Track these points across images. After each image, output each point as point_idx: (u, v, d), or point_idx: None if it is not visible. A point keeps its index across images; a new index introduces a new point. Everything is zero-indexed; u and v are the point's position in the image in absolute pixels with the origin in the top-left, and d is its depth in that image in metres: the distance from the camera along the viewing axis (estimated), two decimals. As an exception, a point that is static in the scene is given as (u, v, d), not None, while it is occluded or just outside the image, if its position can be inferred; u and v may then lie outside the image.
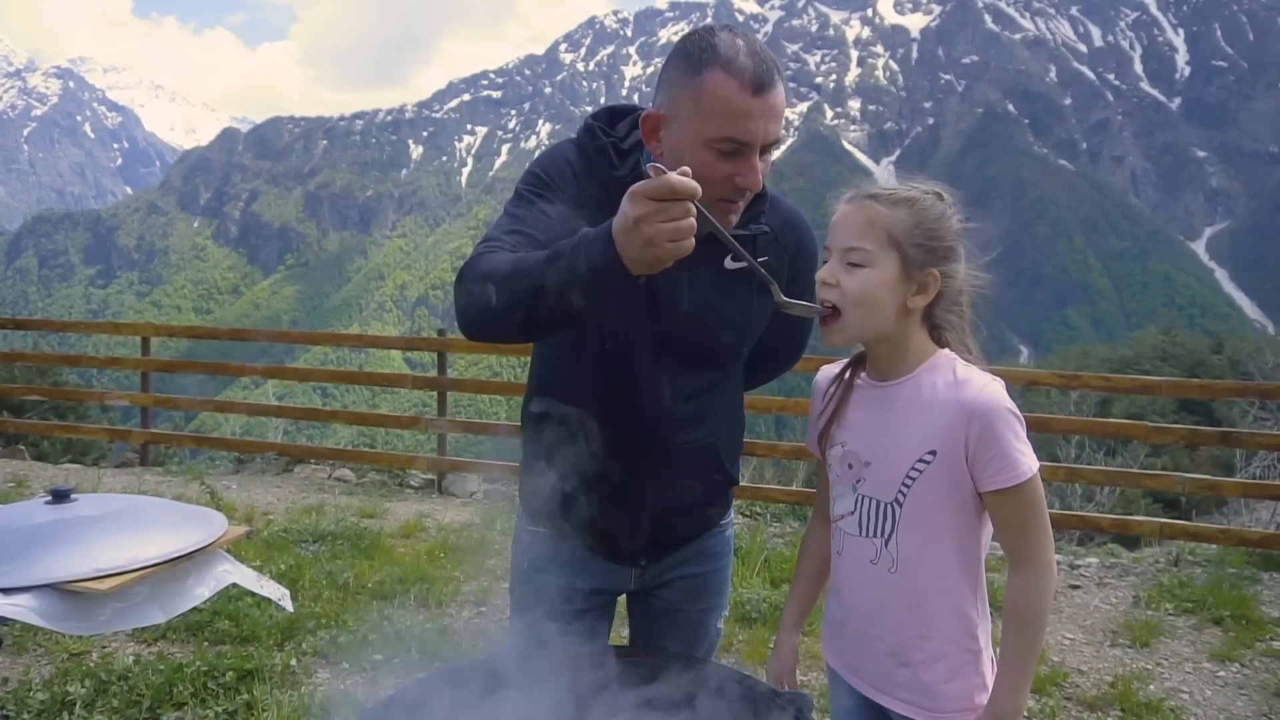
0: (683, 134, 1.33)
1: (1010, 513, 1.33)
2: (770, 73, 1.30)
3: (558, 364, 1.56)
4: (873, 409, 1.42)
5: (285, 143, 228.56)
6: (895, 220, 1.32)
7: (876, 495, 1.40)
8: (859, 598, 1.45)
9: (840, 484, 1.45)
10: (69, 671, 3.25)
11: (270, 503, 6.07)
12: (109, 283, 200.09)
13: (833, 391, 1.48)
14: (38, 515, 1.79)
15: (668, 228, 1.08)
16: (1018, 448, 1.29)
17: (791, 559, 4.95)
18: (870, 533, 1.41)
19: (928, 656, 1.39)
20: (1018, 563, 1.34)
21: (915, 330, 1.38)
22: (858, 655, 1.48)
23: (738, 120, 1.29)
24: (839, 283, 1.33)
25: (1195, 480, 5.40)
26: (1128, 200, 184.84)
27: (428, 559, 4.85)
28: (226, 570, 1.97)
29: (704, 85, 1.29)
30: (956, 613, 1.39)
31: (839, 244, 1.35)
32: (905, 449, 1.36)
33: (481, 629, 3.98)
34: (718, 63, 1.29)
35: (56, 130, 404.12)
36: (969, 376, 1.34)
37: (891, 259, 1.32)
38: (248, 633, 3.62)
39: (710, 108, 1.30)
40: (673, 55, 1.36)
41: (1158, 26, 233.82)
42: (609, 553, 1.57)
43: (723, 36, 1.32)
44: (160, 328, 7.80)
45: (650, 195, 1.08)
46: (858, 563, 1.43)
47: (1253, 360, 18.94)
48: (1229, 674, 3.82)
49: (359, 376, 7.52)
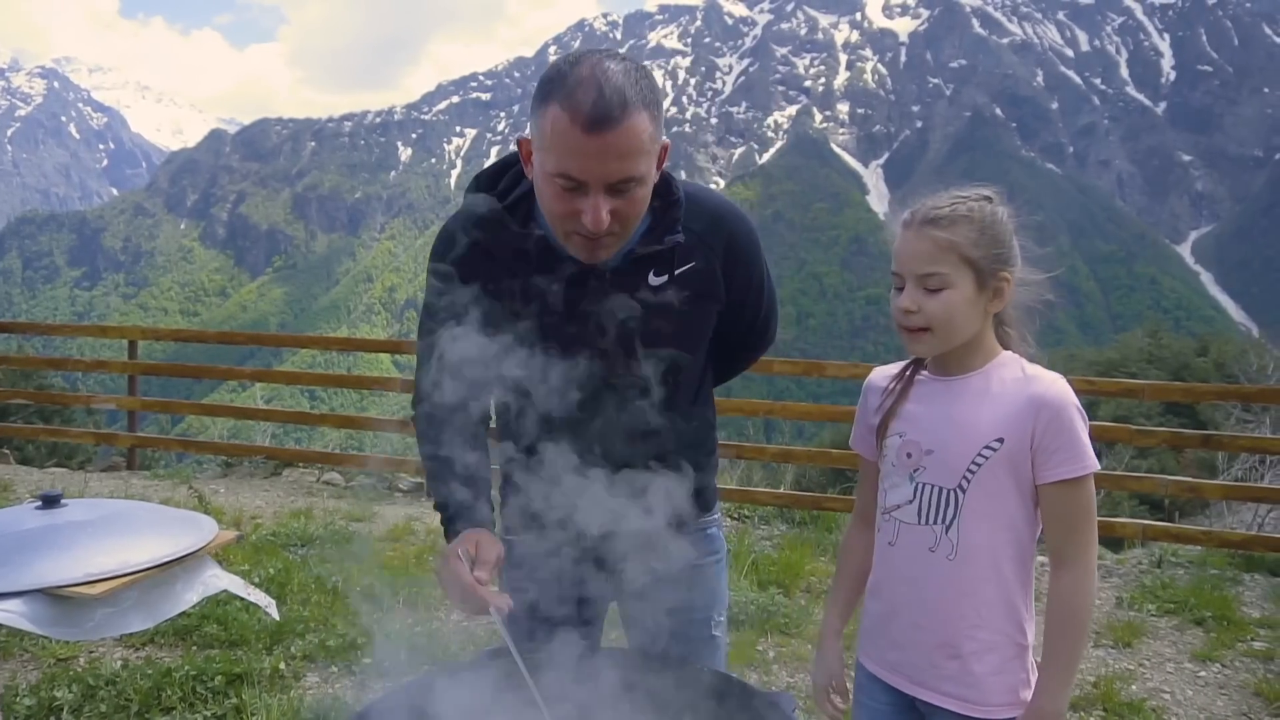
0: (538, 164, 1.33)
1: (1066, 507, 1.37)
2: (615, 109, 1.23)
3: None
4: (937, 401, 1.47)
5: (273, 144, 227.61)
6: (961, 239, 1.38)
7: (939, 482, 1.43)
8: (913, 589, 1.47)
9: (896, 474, 1.48)
10: (56, 677, 3.24)
11: (258, 506, 6.06)
12: (94, 285, 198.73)
13: (892, 387, 1.53)
14: (28, 520, 1.80)
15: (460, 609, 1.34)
16: (1084, 441, 1.36)
17: (780, 561, 4.98)
18: (930, 520, 1.44)
19: (980, 647, 1.42)
20: (1063, 562, 1.39)
21: (988, 331, 1.45)
22: (903, 650, 1.49)
23: (570, 158, 1.26)
24: (921, 308, 1.39)
25: (1178, 482, 5.46)
26: (1114, 204, 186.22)
27: (416, 562, 4.85)
28: (215, 575, 1.98)
29: (545, 118, 1.27)
30: (1009, 604, 1.42)
31: (913, 271, 1.40)
32: (973, 436, 1.40)
33: (470, 632, 3.99)
34: (557, 96, 1.25)
35: (41, 131, 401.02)
36: (1038, 373, 1.41)
37: (966, 276, 1.38)
38: (236, 637, 3.61)
39: (548, 142, 1.28)
40: (540, 80, 1.34)
41: (1144, 31, 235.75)
42: (580, 560, 1.57)
43: (580, 68, 1.26)
44: (147, 331, 7.77)
45: (450, 601, 1.33)
46: (914, 551, 1.46)
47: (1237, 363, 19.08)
48: (1210, 674, 3.87)
49: (348, 379, 7.50)
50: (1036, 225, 1.47)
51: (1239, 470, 6.99)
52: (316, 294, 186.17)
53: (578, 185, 1.28)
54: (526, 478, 1.56)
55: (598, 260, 1.39)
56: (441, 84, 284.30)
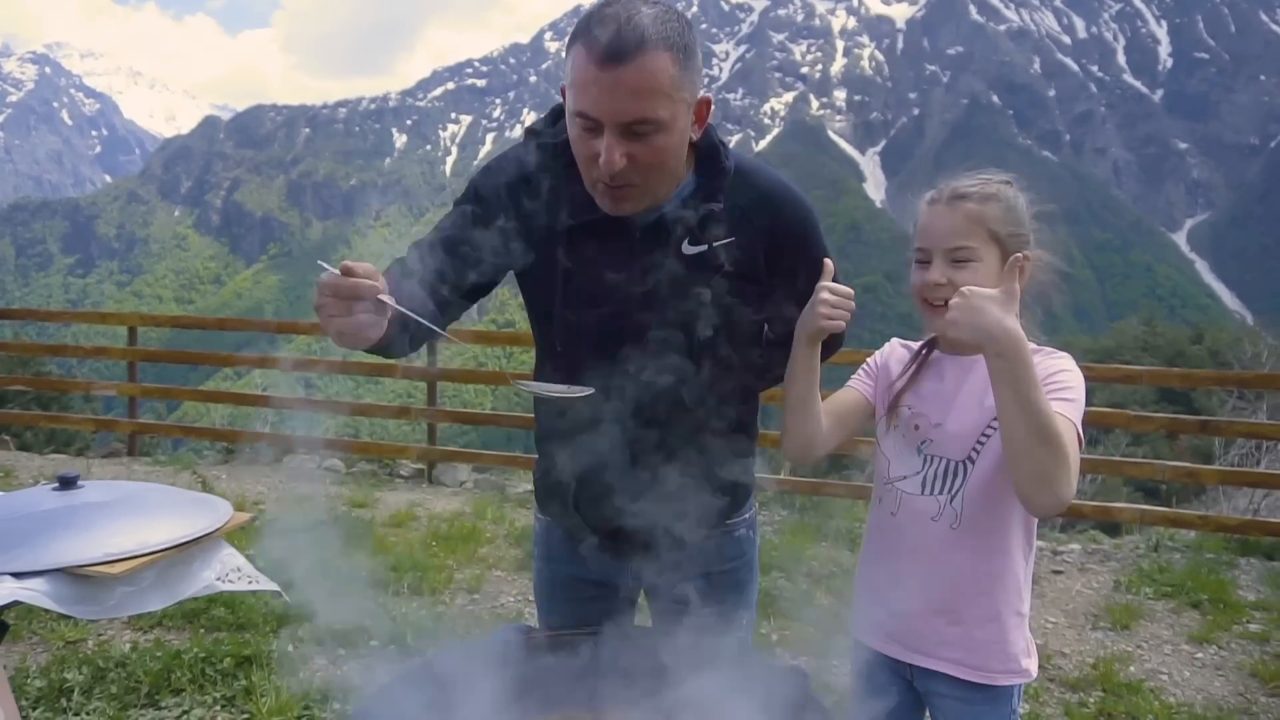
0: (566, 107, 1.31)
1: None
2: (630, 45, 1.20)
3: (538, 357, 1.57)
4: (950, 377, 1.50)
5: (267, 131, 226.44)
6: (990, 215, 1.41)
7: (947, 454, 1.46)
8: (914, 557, 1.49)
9: (904, 444, 1.51)
10: (66, 659, 3.27)
11: (261, 492, 6.08)
12: (88, 272, 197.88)
13: (908, 364, 1.56)
14: (46, 502, 1.82)
15: (335, 321, 1.14)
16: (1073, 390, 1.36)
17: (781, 546, 5.03)
18: (935, 490, 1.47)
19: (982, 614, 1.45)
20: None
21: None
22: (903, 618, 1.51)
23: (584, 94, 1.24)
24: (950, 281, 1.41)
25: (1175, 468, 5.50)
26: (1110, 192, 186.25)
27: (420, 548, 4.88)
28: (230, 554, 2.01)
29: (570, 56, 1.27)
30: (1011, 574, 1.46)
31: (941, 245, 1.42)
32: (982, 411, 1.43)
33: (475, 615, 4.02)
34: (580, 34, 1.25)
35: (33, 117, 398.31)
36: (1049, 351, 1.44)
37: (993, 251, 1.41)
38: (244, 619, 3.64)
39: (570, 78, 1.27)
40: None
41: (1141, 18, 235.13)
42: (602, 545, 1.54)
43: (609, 7, 1.24)
44: (146, 317, 7.76)
45: (319, 288, 1.14)
46: (917, 520, 1.48)
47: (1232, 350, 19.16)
48: (1206, 655, 3.92)
49: (349, 366, 7.50)
50: (1046, 216, 1.50)
51: (1235, 456, 7.05)
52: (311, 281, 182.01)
53: (595, 125, 1.26)
54: (547, 426, 1.55)
55: (622, 211, 1.35)
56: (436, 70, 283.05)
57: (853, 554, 5.13)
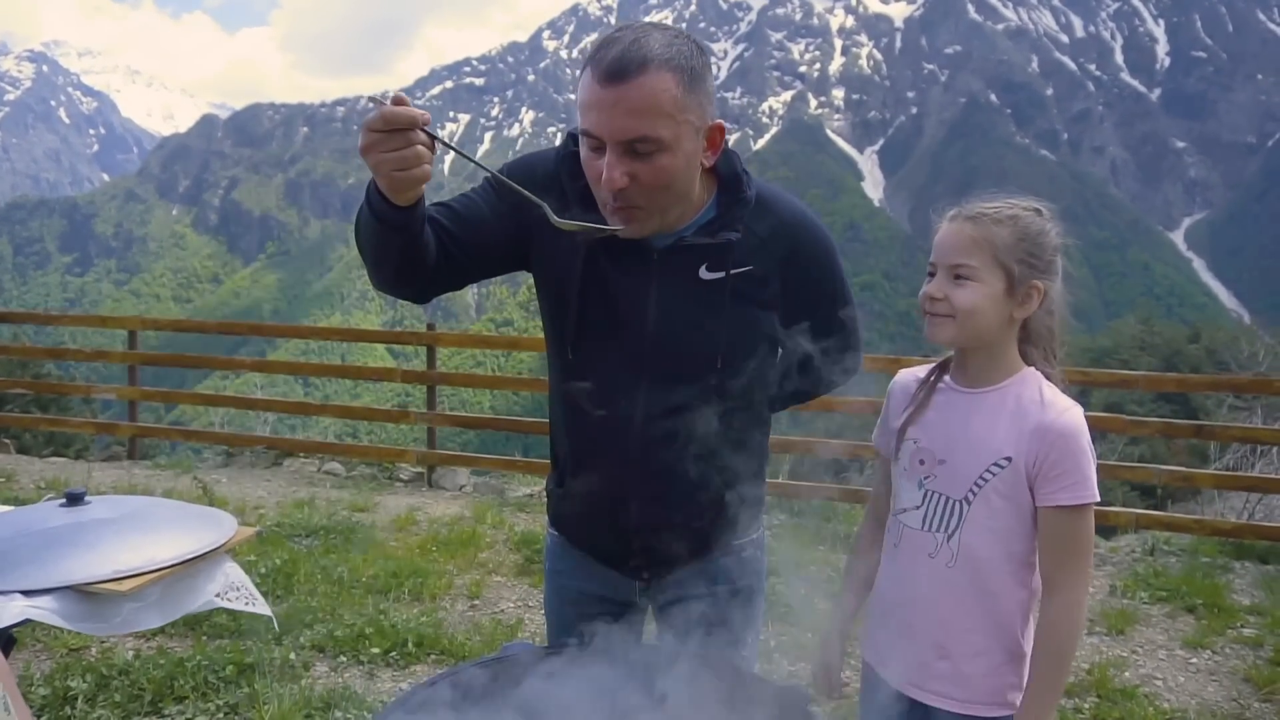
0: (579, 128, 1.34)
1: (1061, 533, 1.39)
2: (631, 64, 1.23)
3: (550, 362, 1.58)
4: (955, 412, 1.49)
5: (265, 129, 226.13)
6: (1000, 237, 1.40)
7: (946, 492, 1.47)
8: (911, 590, 1.51)
9: (907, 477, 1.52)
10: (69, 667, 3.29)
11: (261, 497, 6.10)
12: (86, 271, 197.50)
13: (916, 393, 1.56)
14: (54, 518, 1.84)
15: (389, 157, 1.14)
16: (1087, 472, 1.39)
17: (776, 550, 5.04)
18: (934, 527, 1.48)
19: (970, 650, 1.47)
20: (1055, 589, 1.40)
21: (1011, 342, 1.47)
22: (896, 648, 1.54)
23: (588, 112, 1.28)
24: (947, 296, 1.42)
25: (1171, 472, 5.53)
26: (1108, 190, 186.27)
27: (420, 553, 4.90)
28: (233, 569, 2.03)
29: (581, 78, 1.31)
30: (1005, 613, 1.46)
31: (946, 260, 1.43)
32: (984, 451, 1.43)
33: (475, 622, 4.05)
34: (590, 54, 1.28)
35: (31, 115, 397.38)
36: (1054, 399, 1.43)
37: (997, 274, 1.41)
38: (245, 627, 3.66)
39: (578, 99, 1.31)
40: None
41: (1138, 17, 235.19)
42: (611, 562, 1.58)
43: (619, 31, 1.28)
44: (147, 321, 7.78)
45: (369, 126, 1.14)
46: (915, 555, 1.50)
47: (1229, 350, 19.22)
48: (1201, 660, 3.95)
49: (350, 370, 7.53)
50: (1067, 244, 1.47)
51: (1230, 459, 7.08)
52: (310, 280, 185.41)
53: (601, 144, 1.28)
54: (561, 440, 1.57)
55: (632, 234, 1.36)
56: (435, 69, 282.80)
57: (850, 558, 5.16)
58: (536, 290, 1.54)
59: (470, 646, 3.68)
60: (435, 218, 1.38)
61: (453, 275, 1.44)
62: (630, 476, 1.47)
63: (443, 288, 1.46)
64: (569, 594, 1.66)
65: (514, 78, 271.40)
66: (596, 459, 1.50)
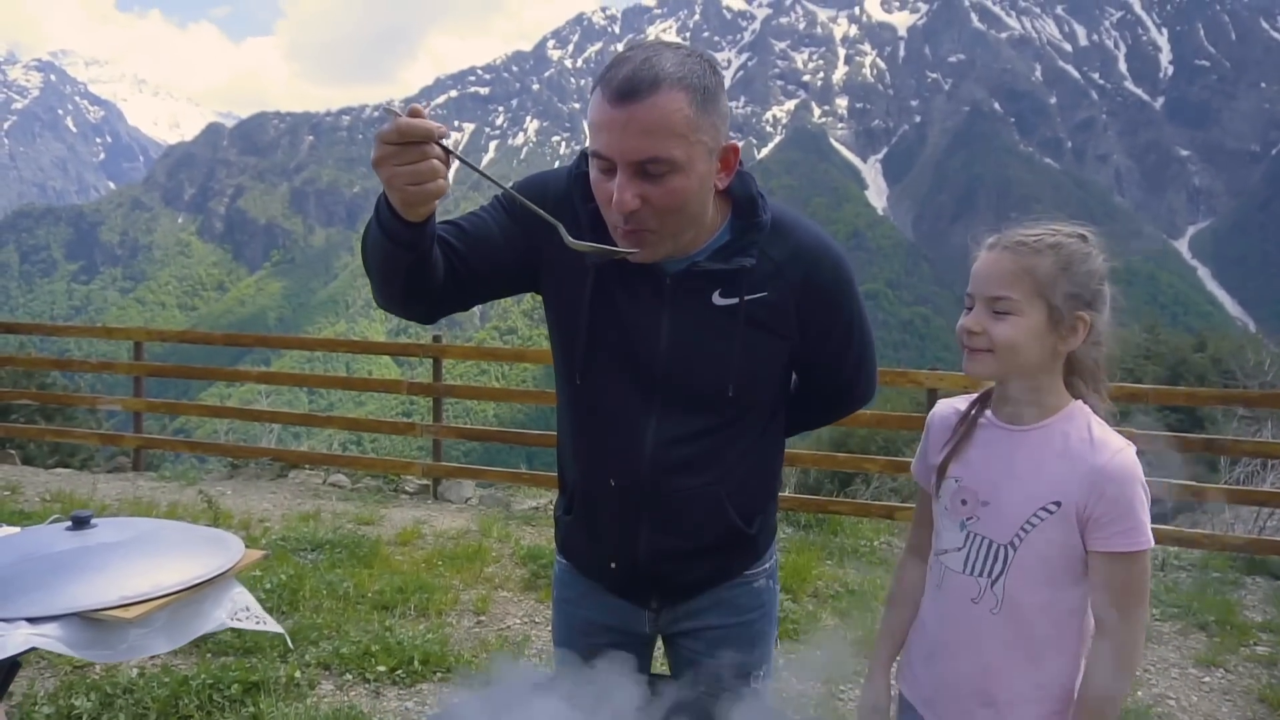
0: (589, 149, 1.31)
1: (1115, 578, 1.32)
2: (643, 83, 1.20)
3: (558, 383, 1.55)
4: (999, 450, 1.41)
5: (270, 138, 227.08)
6: (1041, 268, 1.32)
7: (990, 535, 1.39)
8: (954, 633, 1.44)
9: (949, 518, 1.45)
10: (74, 685, 3.27)
11: (266, 509, 6.08)
12: (92, 279, 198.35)
13: (956, 427, 1.48)
14: (60, 542, 1.82)
15: (403, 171, 1.11)
16: (1141, 516, 1.30)
17: (787, 565, 5.01)
18: (976, 571, 1.40)
19: (1015, 699, 1.39)
20: (1105, 632, 1.33)
21: (1056, 376, 1.38)
22: (939, 691, 1.47)
23: (598, 133, 1.25)
24: (985, 330, 1.34)
25: (1181, 486, 5.49)
26: (1112, 199, 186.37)
27: (426, 567, 4.88)
28: (240, 593, 2.01)
29: (592, 98, 1.28)
30: (1054, 661, 1.38)
31: (985, 293, 1.35)
32: (1031, 496, 1.35)
33: (481, 639, 4.02)
34: (601, 74, 1.26)
35: (38, 124, 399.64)
36: (1105, 438, 1.34)
37: (1038, 307, 1.32)
38: (251, 644, 3.64)
39: (589, 120, 1.28)
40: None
41: (1142, 26, 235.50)
42: (620, 591, 1.55)
43: (630, 51, 1.26)
44: (152, 332, 7.78)
45: (383, 139, 1.11)
46: (958, 599, 1.43)
47: (1235, 358, 19.11)
48: (1214, 679, 3.91)
49: (355, 382, 7.51)
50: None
51: (1240, 473, 7.03)
52: (315, 288, 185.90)
53: (611, 166, 1.25)
54: (569, 466, 1.54)
55: (644, 259, 1.33)
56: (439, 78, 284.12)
57: (859, 574, 5.12)
58: (545, 313, 1.52)
59: (477, 665, 3.65)
60: (443, 236, 1.35)
61: (460, 296, 1.41)
62: (640, 505, 1.45)
63: (450, 308, 1.44)
64: (577, 622, 1.63)
65: (518, 87, 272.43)
66: (605, 486, 1.48)
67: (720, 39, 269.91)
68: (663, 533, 1.46)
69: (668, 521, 1.45)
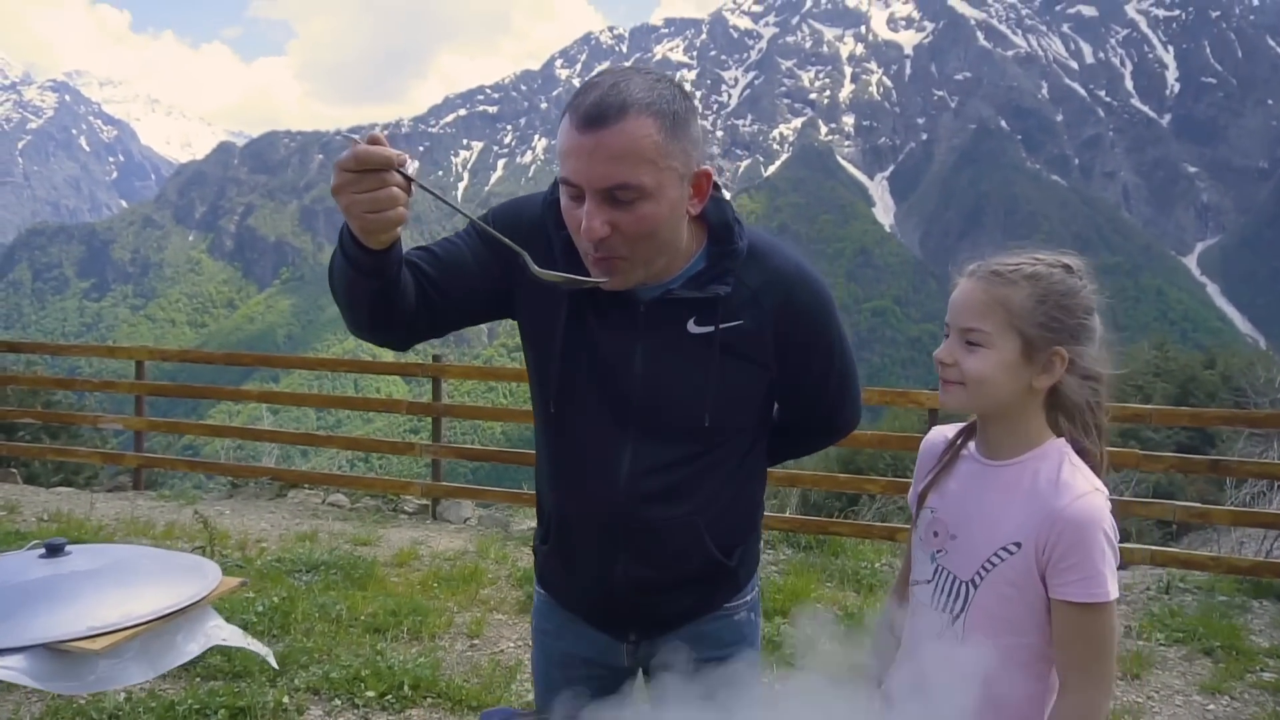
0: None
1: (1075, 631, 1.26)
2: (610, 109, 1.18)
3: (535, 412, 1.53)
4: (973, 484, 1.38)
5: (281, 157, 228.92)
6: (1014, 300, 1.27)
7: (955, 571, 1.35)
8: (919, 667, 1.40)
9: (922, 549, 1.42)
10: (59, 710, 3.24)
11: (263, 529, 6.05)
12: (103, 296, 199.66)
13: (941, 456, 1.45)
14: (32, 570, 1.80)
15: (362, 199, 1.10)
16: (1100, 567, 1.23)
17: (786, 588, 4.97)
18: (940, 607, 1.37)
19: None
20: (1065, 689, 1.28)
21: (1035, 412, 1.32)
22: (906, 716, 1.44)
23: (566, 159, 1.24)
24: (957, 362, 1.30)
25: (1187, 508, 5.43)
26: (1120, 216, 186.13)
27: (421, 589, 4.84)
28: (216, 626, 1.97)
29: (560, 125, 1.27)
30: (1013, 709, 1.32)
31: (958, 323, 1.31)
32: (994, 534, 1.31)
33: (474, 663, 3.97)
34: (570, 101, 1.25)
35: (52, 143, 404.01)
36: (1071, 481, 1.27)
37: (1011, 340, 1.27)
38: (239, 668, 3.60)
39: (558, 147, 1.27)
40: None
41: (1148, 43, 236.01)
42: (598, 624, 1.52)
43: (599, 76, 1.25)
44: (154, 351, 7.81)
45: (341, 166, 1.10)
46: (926, 631, 1.41)
47: (1245, 375, 18.97)
48: (1219, 707, 3.83)
49: (355, 402, 7.51)
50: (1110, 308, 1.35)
51: (1246, 494, 6.96)
52: (324, 305, 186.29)
53: (580, 193, 1.23)
54: (547, 496, 1.52)
55: (616, 286, 1.31)
56: (448, 97, 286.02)
57: (859, 595, 5.06)
58: (521, 339, 1.50)
59: (468, 690, 3.61)
60: (415, 262, 1.34)
61: (433, 322, 1.39)
62: (616, 536, 1.42)
63: (423, 335, 1.41)
64: (555, 655, 1.60)
65: (526, 105, 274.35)
66: (581, 516, 1.45)
67: (727, 58, 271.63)
68: (640, 564, 1.43)
69: (645, 553, 1.42)
